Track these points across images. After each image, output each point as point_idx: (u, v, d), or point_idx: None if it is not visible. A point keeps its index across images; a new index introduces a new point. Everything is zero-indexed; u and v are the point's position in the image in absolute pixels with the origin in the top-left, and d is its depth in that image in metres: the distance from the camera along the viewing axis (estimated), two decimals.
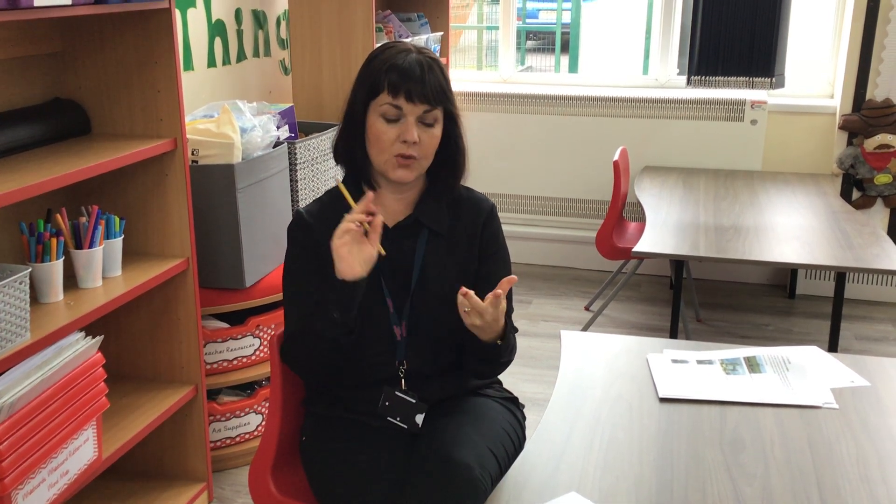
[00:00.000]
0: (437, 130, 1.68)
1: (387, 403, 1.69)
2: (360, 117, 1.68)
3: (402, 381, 1.71)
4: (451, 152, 1.73)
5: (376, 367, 1.71)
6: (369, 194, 1.59)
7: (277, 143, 2.75)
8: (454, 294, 1.70)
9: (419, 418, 1.69)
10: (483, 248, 1.78)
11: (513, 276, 1.61)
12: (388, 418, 1.69)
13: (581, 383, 1.81)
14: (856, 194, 4.02)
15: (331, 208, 1.74)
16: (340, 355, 1.65)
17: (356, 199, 1.64)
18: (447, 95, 1.68)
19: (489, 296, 1.56)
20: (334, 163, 1.82)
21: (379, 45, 1.75)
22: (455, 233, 1.76)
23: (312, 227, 1.71)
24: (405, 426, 1.69)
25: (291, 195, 2.87)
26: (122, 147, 2.08)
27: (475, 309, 1.56)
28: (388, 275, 1.70)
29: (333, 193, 1.79)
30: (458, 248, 1.76)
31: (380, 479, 1.59)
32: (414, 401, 1.69)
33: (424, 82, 1.63)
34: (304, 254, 1.71)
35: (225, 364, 2.63)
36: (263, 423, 2.72)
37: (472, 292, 1.56)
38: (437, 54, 4.15)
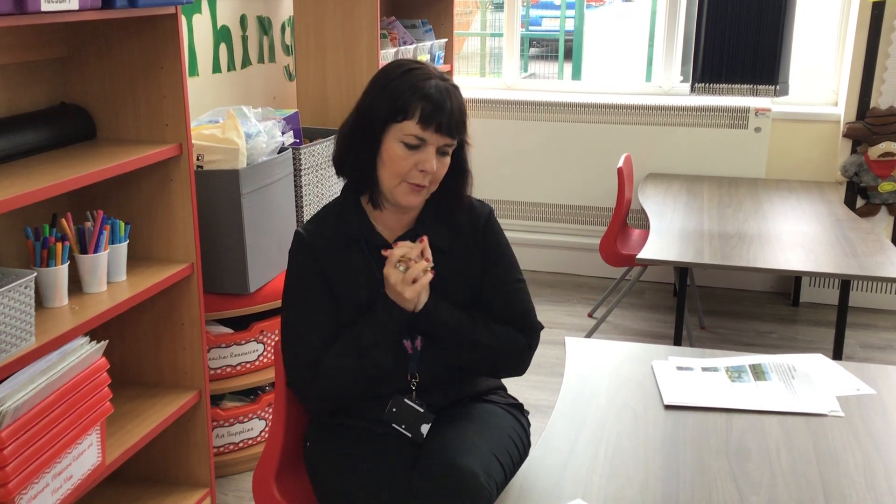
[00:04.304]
0: (449, 158, 1.66)
1: (394, 410, 1.69)
2: (376, 136, 1.63)
3: (414, 392, 1.71)
4: (455, 176, 1.70)
5: (387, 382, 1.71)
6: (425, 241, 1.64)
7: (282, 149, 2.75)
8: (459, 307, 1.69)
9: (424, 428, 1.68)
10: (485, 256, 1.76)
11: (423, 237, 1.65)
12: (393, 425, 1.68)
13: (586, 390, 1.81)
14: (860, 202, 4.01)
15: (330, 225, 1.71)
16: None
17: (356, 217, 1.69)
18: (466, 126, 1.66)
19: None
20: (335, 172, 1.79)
21: (393, 61, 1.70)
22: (456, 245, 1.74)
23: (315, 247, 1.69)
24: (409, 435, 1.68)
25: (296, 201, 2.88)
26: (128, 152, 2.08)
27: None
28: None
29: (330, 208, 1.76)
30: (459, 259, 1.74)
31: (384, 486, 1.58)
32: (422, 410, 1.69)
33: (452, 114, 1.61)
34: (312, 278, 1.68)
35: (228, 369, 2.63)
36: (267, 428, 2.72)
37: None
38: (442, 61, 4.17)
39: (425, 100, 1.59)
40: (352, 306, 1.68)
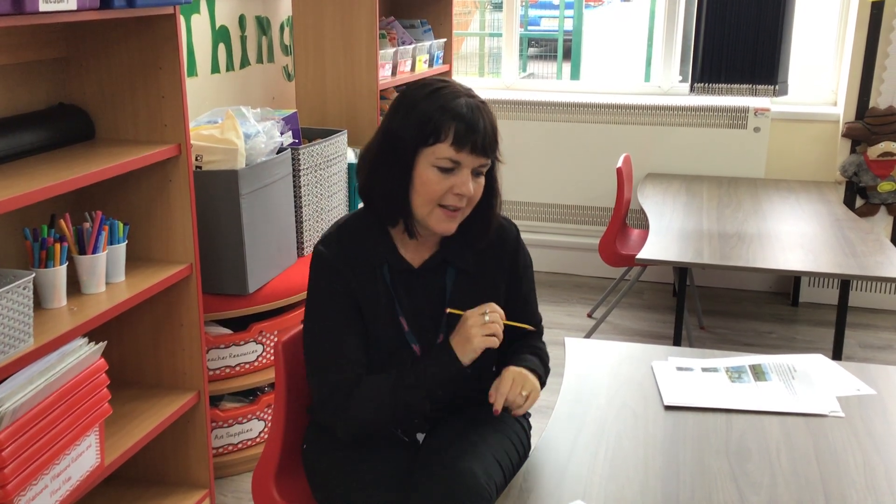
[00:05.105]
0: (483, 178, 1.59)
1: None
2: (406, 162, 1.55)
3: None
4: (486, 198, 1.62)
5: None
6: None
7: (281, 149, 2.75)
8: None
9: (420, 436, 1.69)
10: (512, 277, 1.72)
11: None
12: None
13: (586, 391, 1.81)
14: (859, 202, 4.01)
15: (352, 245, 1.63)
16: None
17: (380, 239, 1.61)
18: (498, 143, 1.58)
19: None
20: (349, 188, 1.70)
21: (415, 81, 1.62)
22: (482, 266, 1.69)
23: (338, 267, 1.60)
24: (406, 438, 1.68)
25: (295, 201, 2.87)
26: (127, 153, 2.08)
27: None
28: (411, 316, 1.64)
29: (352, 227, 1.65)
30: (485, 281, 1.68)
31: (382, 488, 1.58)
32: None
33: (486, 133, 1.53)
34: (339, 299, 1.60)
35: (227, 370, 2.63)
36: (266, 429, 2.71)
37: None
38: (441, 61, 4.16)
39: (458, 120, 1.51)
40: (368, 330, 1.62)
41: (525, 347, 1.73)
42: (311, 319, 1.63)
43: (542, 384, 1.68)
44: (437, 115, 1.51)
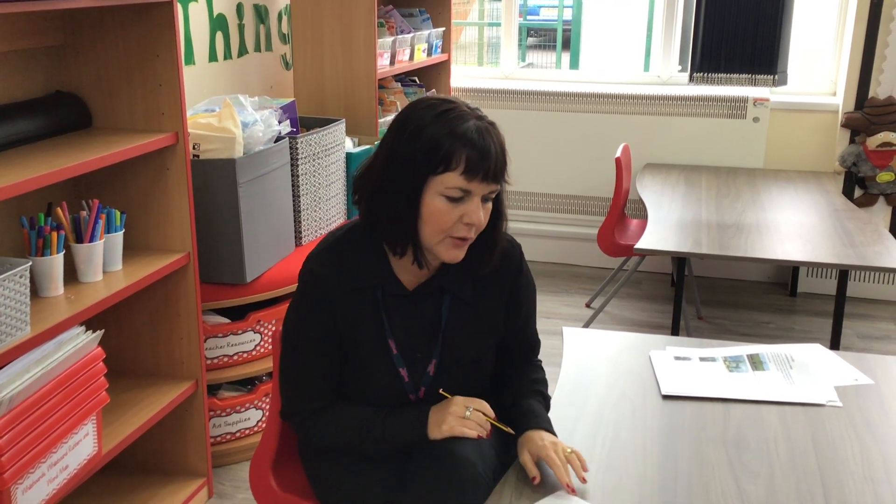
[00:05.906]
0: (491, 203, 1.52)
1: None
2: (414, 191, 1.45)
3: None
4: (492, 221, 1.54)
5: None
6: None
7: (279, 138, 2.74)
8: (478, 358, 1.64)
9: None
10: (512, 300, 1.65)
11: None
12: None
13: (583, 380, 1.81)
14: (858, 192, 4.01)
15: (347, 264, 1.56)
16: None
17: (376, 261, 1.55)
18: (507, 166, 1.50)
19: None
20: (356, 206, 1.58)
21: (417, 101, 1.51)
22: (480, 293, 1.61)
23: (328, 284, 1.54)
24: None
25: (293, 190, 2.87)
26: (124, 141, 2.07)
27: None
28: (400, 339, 1.59)
29: (348, 246, 1.58)
30: (482, 308, 1.62)
31: (379, 477, 1.58)
32: None
33: (497, 159, 1.45)
34: (322, 320, 1.56)
35: (225, 359, 2.63)
36: (264, 418, 2.71)
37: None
38: (439, 51, 4.15)
39: (469, 147, 1.42)
40: (353, 350, 1.59)
41: (529, 384, 1.67)
42: (288, 334, 1.61)
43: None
44: (447, 142, 1.42)
